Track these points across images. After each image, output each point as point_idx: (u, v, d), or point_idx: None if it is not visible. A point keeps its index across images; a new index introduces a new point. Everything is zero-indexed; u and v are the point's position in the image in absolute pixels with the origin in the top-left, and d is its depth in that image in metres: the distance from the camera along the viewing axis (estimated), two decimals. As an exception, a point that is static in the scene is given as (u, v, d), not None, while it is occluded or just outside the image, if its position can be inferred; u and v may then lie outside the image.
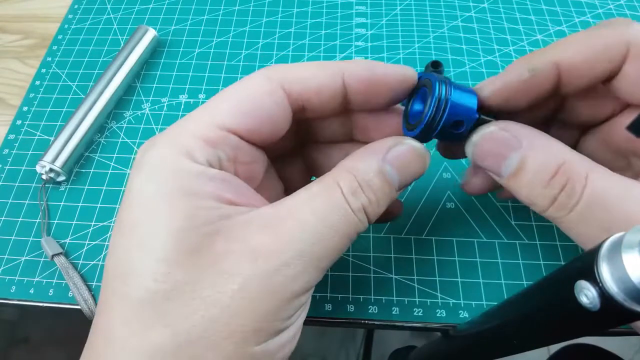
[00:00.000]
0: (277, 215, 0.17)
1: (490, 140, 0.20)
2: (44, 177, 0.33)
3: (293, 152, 0.25)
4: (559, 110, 0.23)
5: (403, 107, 0.22)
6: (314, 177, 0.25)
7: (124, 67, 0.37)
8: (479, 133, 0.20)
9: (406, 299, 0.28)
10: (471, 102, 0.20)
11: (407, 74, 0.20)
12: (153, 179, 0.17)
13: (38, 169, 0.33)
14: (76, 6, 0.44)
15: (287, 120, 0.20)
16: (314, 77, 0.20)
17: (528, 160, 0.18)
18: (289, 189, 0.25)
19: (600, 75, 0.19)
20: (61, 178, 0.33)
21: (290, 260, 0.16)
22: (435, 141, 0.24)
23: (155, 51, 0.40)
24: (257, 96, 0.19)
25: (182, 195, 0.16)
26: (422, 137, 0.20)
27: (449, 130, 0.20)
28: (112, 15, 0.43)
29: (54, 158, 0.32)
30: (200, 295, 0.16)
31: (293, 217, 0.17)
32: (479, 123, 0.20)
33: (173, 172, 0.17)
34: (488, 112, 0.20)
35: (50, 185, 0.34)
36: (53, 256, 0.30)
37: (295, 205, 0.18)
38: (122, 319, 0.16)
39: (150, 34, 0.39)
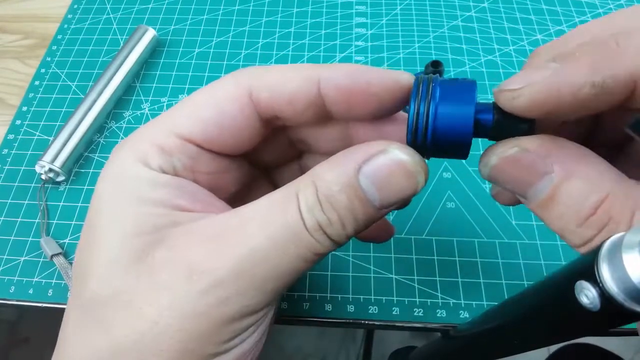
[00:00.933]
0: (226, 225, 0.16)
1: (512, 163, 0.15)
2: (43, 177, 0.33)
3: (290, 160, 0.23)
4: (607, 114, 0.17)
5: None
6: None
7: (123, 67, 0.37)
8: (496, 153, 0.15)
9: (406, 299, 0.28)
10: (466, 113, 0.15)
11: (399, 79, 0.17)
12: (111, 183, 0.17)
13: (37, 169, 0.33)
14: (76, 6, 0.44)
15: (255, 129, 0.18)
16: (285, 84, 0.17)
17: (560, 191, 0.14)
18: None
19: None
20: (60, 178, 0.33)
21: (226, 281, 0.15)
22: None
23: (154, 51, 0.40)
24: (221, 104, 0.17)
25: (132, 201, 0.16)
26: (421, 153, 0.16)
27: (448, 148, 0.16)
28: (111, 15, 0.43)
29: (53, 158, 0.32)
30: (134, 305, 0.15)
31: (240, 230, 0.15)
32: (501, 129, 0.15)
33: (128, 178, 0.17)
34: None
35: (50, 185, 0.34)
36: (52, 256, 0.30)
37: (248, 215, 0.16)
38: (72, 320, 0.16)
39: (150, 33, 0.39)
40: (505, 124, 0.15)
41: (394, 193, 0.16)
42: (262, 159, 0.21)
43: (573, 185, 0.14)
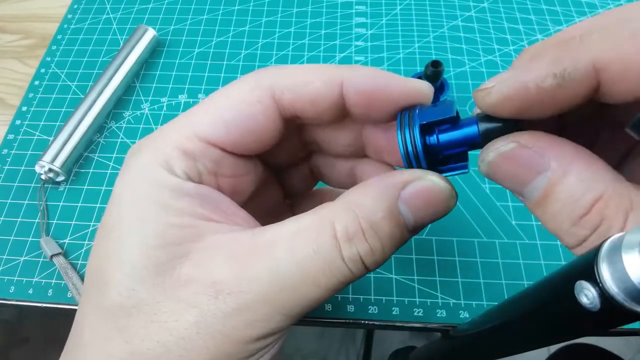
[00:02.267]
0: (253, 245, 0.15)
1: (509, 160, 0.15)
2: (43, 177, 0.33)
3: (300, 161, 0.23)
4: (609, 109, 0.17)
5: None
6: (321, 183, 0.24)
7: (123, 67, 0.37)
8: (494, 149, 0.15)
9: (406, 299, 0.28)
10: (460, 135, 0.16)
11: (420, 89, 0.17)
12: (131, 186, 0.17)
13: (37, 169, 0.33)
14: (75, 6, 0.44)
15: (277, 130, 0.18)
16: (309, 84, 0.17)
17: (555, 189, 0.14)
18: (290, 196, 0.24)
19: None
20: (60, 178, 0.33)
21: (253, 305, 0.15)
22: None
23: (154, 51, 0.40)
24: (243, 106, 0.17)
25: (156, 209, 0.16)
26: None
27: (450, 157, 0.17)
28: (111, 15, 0.43)
29: (53, 158, 0.32)
30: (159, 319, 0.15)
31: (268, 254, 0.15)
32: (495, 131, 0.16)
33: (150, 182, 0.16)
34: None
35: (50, 185, 0.34)
36: (52, 256, 0.30)
37: (275, 239, 0.15)
38: (90, 326, 0.16)
39: (150, 33, 0.39)
40: (491, 131, 0.16)
41: (428, 217, 0.16)
42: (274, 159, 0.21)
43: (568, 183, 0.14)
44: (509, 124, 0.15)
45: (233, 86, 0.18)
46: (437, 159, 0.16)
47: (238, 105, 0.17)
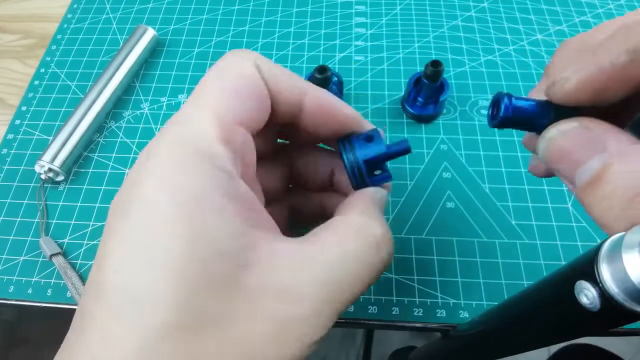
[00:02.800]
0: (307, 256, 0.16)
1: (571, 138, 0.15)
2: (42, 176, 0.33)
3: (272, 157, 0.23)
4: None
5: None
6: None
7: (123, 67, 0.37)
8: (556, 128, 0.16)
9: (406, 299, 0.28)
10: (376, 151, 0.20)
11: (355, 119, 0.21)
12: (169, 187, 0.14)
13: (37, 168, 0.33)
14: (75, 6, 0.44)
15: (268, 109, 0.18)
16: (284, 77, 0.19)
17: (611, 169, 0.14)
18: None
19: None
20: (60, 178, 0.33)
21: (323, 308, 0.15)
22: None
23: (154, 50, 0.40)
24: (249, 79, 0.17)
25: (206, 213, 0.14)
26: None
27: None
28: (111, 15, 0.43)
29: (52, 158, 0.32)
30: (234, 334, 0.14)
31: (327, 264, 0.16)
32: (557, 116, 0.17)
33: (196, 182, 0.15)
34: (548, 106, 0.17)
35: (49, 185, 0.34)
36: (51, 256, 0.30)
37: (326, 248, 0.17)
38: (133, 354, 0.13)
39: (150, 33, 0.39)
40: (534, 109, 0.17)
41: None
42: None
43: (624, 164, 0.14)
44: (549, 114, 0.17)
45: (230, 65, 0.18)
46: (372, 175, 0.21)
47: (245, 78, 0.17)
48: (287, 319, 0.15)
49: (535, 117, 0.17)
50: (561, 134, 0.16)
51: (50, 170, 0.33)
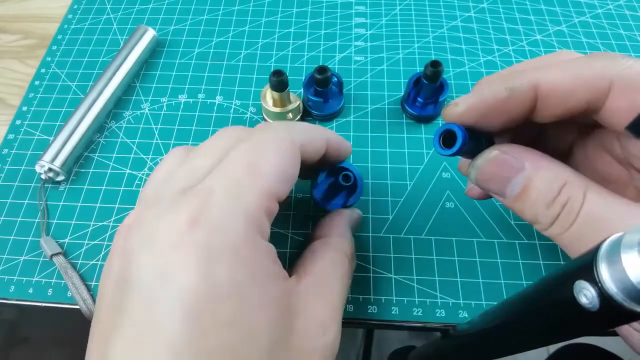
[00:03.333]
0: (317, 285, 0.20)
1: (495, 163, 0.19)
2: (43, 176, 0.33)
3: None
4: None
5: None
6: None
7: (123, 67, 0.37)
8: (482, 157, 0.20)
9: (406, 299, 0.28)
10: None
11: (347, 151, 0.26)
12: (240, 263, 0.17)
13: (37, 168, 0.33)
14: (76, 6, 0.44)
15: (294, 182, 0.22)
16: (315, 141, 0.23)
17: (532, 182, 0.19)
18: None
19: (578, 106, 0.19)
20: (60, 178, 0.33)
21: (339, 328, 0.20)
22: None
23: (154, 51, 0.40)
24: (290, 163, 0.20)
25: (269, 279, 0.17)
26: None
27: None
28: (111, 15, 0.43)
29: (53, 157, 0.32)
30: None
31: (330, 287, 0.21)
32: (479, 149, 0.20)
33: (255, 255, 0.17)
34: (479, 134, 0.20)
35: (50, 185, 0.34)
36: (52, 256, 0.30)
37: (325, 273, 0.21)
38: None
39: (150, 33, 0.39)
40: (473, 139, 0.20)
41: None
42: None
43: (541, 176, 0.19)
44: (483, 143, 0.20)
45: (277, 140, 0.20)
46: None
47: (288, 162, 0.20)
48: (322, 349, 0.18)
49: (478, 147, 0.20)
50: (487, 161, 0.20)
51: (50, 170, 0.33)
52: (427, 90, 0.34)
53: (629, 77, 0.18)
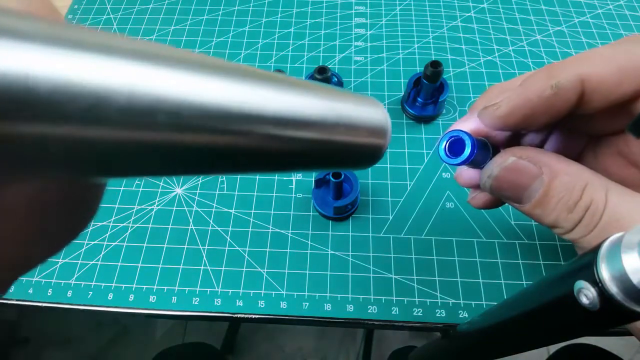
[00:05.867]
0: None
1: (512, 170, 0.19)
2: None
3: None
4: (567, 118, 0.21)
5: None
6: None
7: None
8: (496, 164, 0.19)
9: (406, 299, 0.28)
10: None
11: None
12: None
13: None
14: (76, 6, 0.44)
15: None
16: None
17: (552, 187, 0.18)
18: None
19: (628, 95, 0.18)
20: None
21: None
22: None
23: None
24: None
25: None
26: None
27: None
28: (112, 16, 0.43)
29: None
30: None
31: None
32: (485, 157, 0.19)
33: None
34: (485, 140, 0.20)
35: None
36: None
37: None
38: None
39: None
40: (481, 147, 0.19)
41: None
42: None
43: (561, 180, 0.18)
44: (489, 151, 0.19)
45: None
46: None
47: None
48: None
49: (485, 157, 0.19)
50: (504, 169, 0.19)
51: None
52: (427, 90, 0.34)
53: None
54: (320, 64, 0.35)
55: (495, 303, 0.24)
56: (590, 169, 0.18)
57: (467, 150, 0.18)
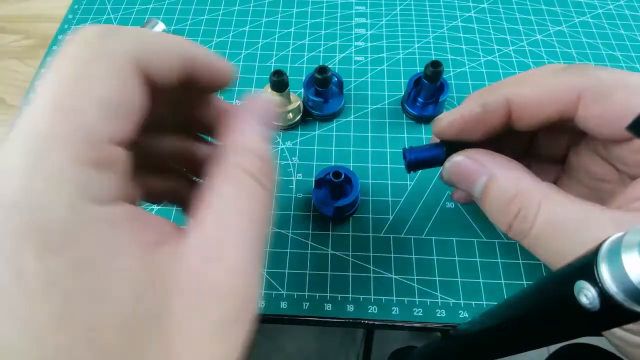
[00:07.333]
0: (209, 242, 0.14)
1: (459, 167, 0.22)
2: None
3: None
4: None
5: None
6: None
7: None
8: (450, 161, 0.22)
9: (406, 299, 0.28)
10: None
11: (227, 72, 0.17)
12: (46, 250, 0.11)
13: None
14: (76, 6, 0.44)
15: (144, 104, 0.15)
16: (168, 55, 0.15)
17: (489, 188, 0.20)
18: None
19: (552, 117, 0.20)
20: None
21: (249, 291, 0.14)
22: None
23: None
24: (116, 87, 0.13)
25: (107, 256, 0.12)
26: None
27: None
28: (112, 16, 0.43)
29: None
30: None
31: (232, 241, 0.14)
32: (453, 150, 0.22)
33: (80, 231, 0.11)
34: (456, 142, 0.23)
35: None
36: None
37: (221, 221, 0.14)
38: None
39: (159, 27, 0.39)
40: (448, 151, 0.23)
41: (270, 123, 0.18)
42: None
43: (495, 184, 0.20)
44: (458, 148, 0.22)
45: (89, 59, 0.13)
46: None
47: (118, 84, 0.13)
48: (218, 318, 0.13)
49: (434, 157, 0.23)
50: (452, 164, 0.22)
51: None
52: (427, 90, 0.34)
53: (596, 88, 0.19)
54: (321, 64, 0.35)
55: (496, 303, 0.24)
56: (533, 177, 0.20)
57: (405, 162, 0.24)
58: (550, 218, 0.19)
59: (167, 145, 0.19)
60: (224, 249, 0.14)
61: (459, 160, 0.22)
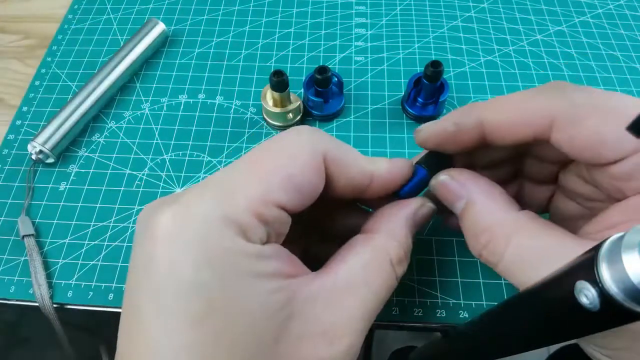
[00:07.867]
0: (336, 287, 0.18)
1: (442, 187, 0.22)
2: (33, 157, 0.33)
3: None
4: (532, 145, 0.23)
5: None
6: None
7: (127, 59, 0.38)
8: (435, 178, 0.23)
9: (406, 299, 0.28)
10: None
11: (406, 171, 0.23)
12: (216, 266, 0.15)
13: (29, 148, 0.33)
14: (76, 6, 0.44)
15: (316, 195, 0.19)
16: (355, 167, 0.20)
17: (466, 212, 0.21)
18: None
19: (526, 138, 0.20)
20: (50, 160, 0.34)
21: (356, 341, 0.18)
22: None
23: (157, 50, 0.40)
24: (306, 172, 0.18)
25: (250, 282, 0.15)
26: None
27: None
28: (111, 16, 0.43)
29: (45, 140, 0.33)
30: None
31: (352, 292, 0.18)
32: (442, 165, 0.23)
33: (235, 256, 0.15)
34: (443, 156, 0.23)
35: (50, 186, 0.34)
36: (24, 237, 0.31)
37: (351, 275, 0.18)
38: None
39: (160, 27, 0.39)
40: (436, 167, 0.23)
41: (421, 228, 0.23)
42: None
43: (473, 211, 0.21)
44: (446, 162, 0.23)
45: (289, 146, 0.18)
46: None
47: (303, 171, 0.18)
48: (329, 358, 0.17)
49: (422, 181, 0.23)
50: (436, 182, 0.23)
51: (41, 152, 0.33)
52: (427, 90, 0.34)
53: (568, 114, 0.19)
54: (321, 64, 0.35)
55: (496, 303, 0.24)
56: (509, 207, 0.20)
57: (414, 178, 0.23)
58: (519, 252, 0.19)
59: (329, 218, 0.25)
60: (344, 299, 0.18)
61: (443, 179, 0.22)
